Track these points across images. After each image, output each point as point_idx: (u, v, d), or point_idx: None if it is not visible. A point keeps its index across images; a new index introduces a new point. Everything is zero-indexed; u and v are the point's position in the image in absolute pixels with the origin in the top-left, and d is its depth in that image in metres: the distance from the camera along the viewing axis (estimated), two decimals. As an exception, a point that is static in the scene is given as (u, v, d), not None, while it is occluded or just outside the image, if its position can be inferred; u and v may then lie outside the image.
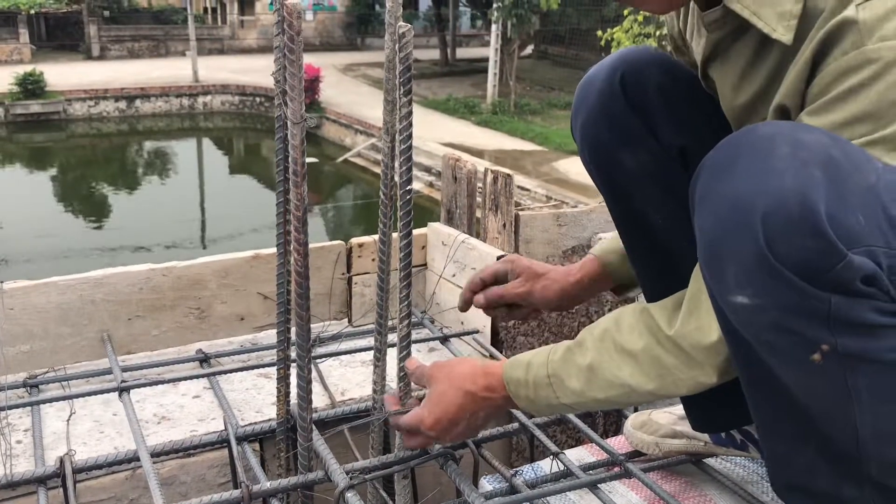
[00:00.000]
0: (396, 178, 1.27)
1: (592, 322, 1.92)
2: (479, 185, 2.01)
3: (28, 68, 15.35)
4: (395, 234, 1.32)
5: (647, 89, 1.09)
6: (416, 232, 1.40)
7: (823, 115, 0.82)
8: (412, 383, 1.26)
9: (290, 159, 1.21)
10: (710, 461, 1.41)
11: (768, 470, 0.97)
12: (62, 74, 16.29)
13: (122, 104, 16.22)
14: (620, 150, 1.10)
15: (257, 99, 16.83)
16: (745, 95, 0.96)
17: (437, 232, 2.03)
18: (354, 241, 1.99)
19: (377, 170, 12.69)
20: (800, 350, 0.79)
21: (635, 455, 1.42)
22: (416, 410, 1.16)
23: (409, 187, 1.27)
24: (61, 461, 1.32)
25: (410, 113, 1.22)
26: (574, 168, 11.63)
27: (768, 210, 0.74)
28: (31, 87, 15.05)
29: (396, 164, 1.27)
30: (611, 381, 1.01)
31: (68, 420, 1.53)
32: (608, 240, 1.34)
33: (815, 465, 0.89)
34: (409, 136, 1.24)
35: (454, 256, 1.95)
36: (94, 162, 14.49)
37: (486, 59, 15.96)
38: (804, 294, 0.75)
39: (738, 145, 0.81)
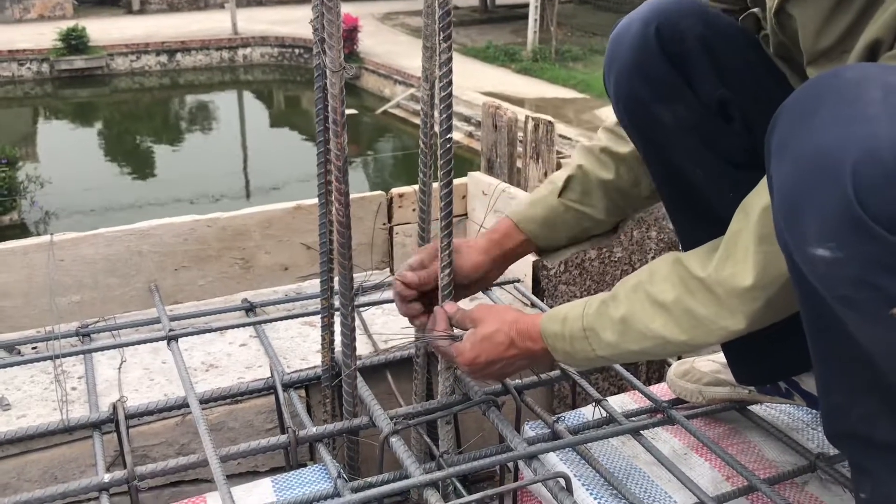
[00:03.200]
0: (436, 128, 1.26)
1: (635, 270, 1.90)
2: (520, 133, 1.98)
3: (71, 24, 15.44)
4: (435, 185, 1.32)
5: (685, 41, 1.04)
6: (456, 182, 1.39)
7: None
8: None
9: (329, 109, 1.20)
10: (755, 408, 1.41)
11: (823, 418, 0.95)
12: (104, 29, 16.38)
13: (164, 58, 16.29)
14: (657, 105, 1.06)
15: (296, 50, 16.77)
16: (830, 38, 0.89)
17: (477, 181, 2.02)
18: (395, 191, 1.99)
19: (417, 120, 12.61)
20: (879, 304, 0.75)
21: (678, 402, 1.42)
22: (457, 342, 1.18)
23: (449, 136, 1.26)
24: (114, 407, 1.36)
25: (450, 59, 1.21)
26: (616, 115, 11.44)
27: (859, 160, 0.70)
28: (74, 42, 15.16)
29: (436, 113, 1.26)
30: (644, 333, 1.01)
31: (119, 368, 1.57)
32: (523, 204, 1.32)
33: (876, 416, 0.87)
34: (449, 84, 1.23)
35: (495, 206, 1.94)
36: (137, 116, 14.63)
37: (526, 5, 15.66)
38: (892, 248, 0.71)
39: (821, 90, 0.76)
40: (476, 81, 12.83)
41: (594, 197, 1.26)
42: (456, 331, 1.25)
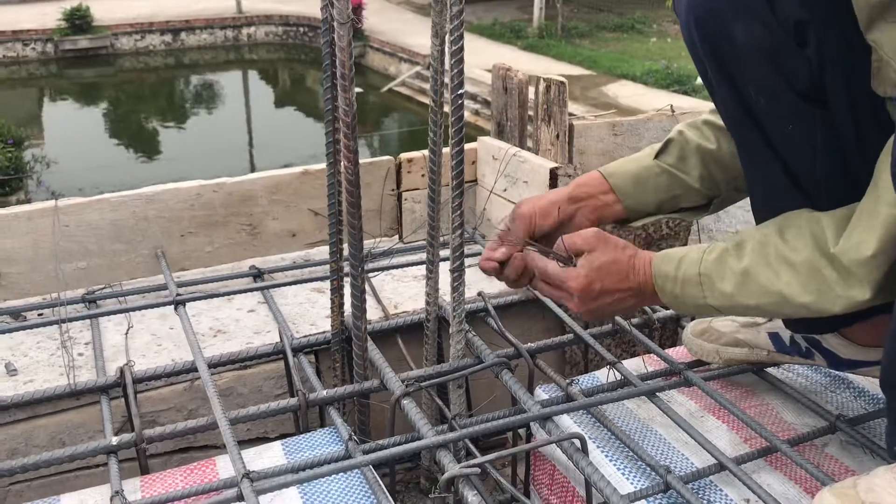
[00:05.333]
0: (447, 80, 1.23)
1: (648, 234, 1.87)
2: (531, 96, 1.95)
3: (75, 3, 15.32)
4: (445, 149, 1.29)
5: None
6: (466, 147, 1.36)
7: None
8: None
9: (337, 62, 1.17)
10: (772, 370, 1.38)
11: (884, 366, 0.94)
12: (108, 9, 16.27)
13: (168, 37, 16.20)
14: (733, 20, 0.99)
15: (301, 29, 16.67)
16: (882, 4, 0.84)
17: (487, 146, 1.99)
18: (404, 156, 1.96)
19: (422, 98, 12.53)
20: None
21: (695, 364, 1.39)
22: (569, 268, 1.09)
23: (460, 91, 1.23)
24: (121, 371, 1.35)
25: (461, 12, 1.17)
26: (623, 92, 11.35)
27: None
28: (78, 22, 15.08)
29: (447, 72, 1.22)
30: (765, 288, 0.98)
31: (126, 333, 1.55)
32: (616, 162, 1.28)
33: None
34: (461, 38, 1.20)
35: (505, 171, 1.91)
36: (142, 96, 14.57)
37: (532, -18, 15.53)
38: None
39: None
40: (481, 59, 12.71)
41: (690, 163, 1.22)
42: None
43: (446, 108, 1.26)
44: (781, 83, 0.98)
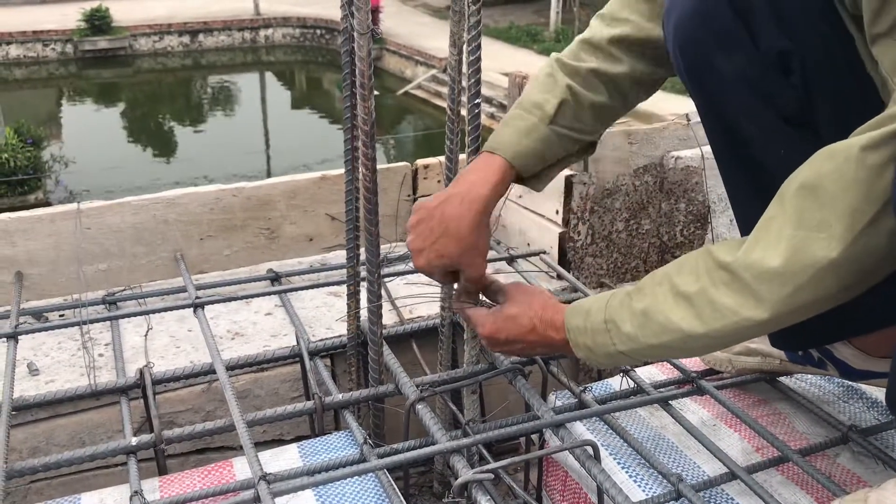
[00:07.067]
0: (464, 94, 1.24)
1: (662, 242, 1.89)
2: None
3: (94, 4, 15.47)
4: (462, 156, 1.31)
5: None
6: (482, 151, 1.38)
7: None
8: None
9: (356, 72, 1.19)
10: (785, 380, 1.39)
11: (891, 382, 0.92)
12: (127, 10, 16.41)
13: (186, 39, 16.32)
14: (715, 51, 0.99)
15: (318, 31, 16.75)
16: (886, 22, 0.83)
17: (503, 153, 2.00)
18: (420, 162, 1.98)
19: (438, 102, 12.57)
20: None
21: (707, 373, 1.40)
22: (483, 312, 1.16)
23: (477, 101, 1.24)
24: (141, 373, 1.37)
25: (479, 23, 1.19)
26: (640, 97, 11.34)
27: None
28: (97, 22, 15.23)
29: (464, 80, 1.24)
30: (664, 326, 0.96)
31: (146, 335, 1.57)
32: (509, 134, 1.20)
33: None
34: (478, 48, 1.21)
35: (521, 177, 1.92)
36: (160, 97, 14.70)
37: (549, -14, 15.53)
38: None
39: None
40: (498, 63, 12.74)
41: (585, 120, 1.19)
42: (484, 299, 1.23)
43: (463, 112, 1.27)
44: (770, 112, 0.98)
